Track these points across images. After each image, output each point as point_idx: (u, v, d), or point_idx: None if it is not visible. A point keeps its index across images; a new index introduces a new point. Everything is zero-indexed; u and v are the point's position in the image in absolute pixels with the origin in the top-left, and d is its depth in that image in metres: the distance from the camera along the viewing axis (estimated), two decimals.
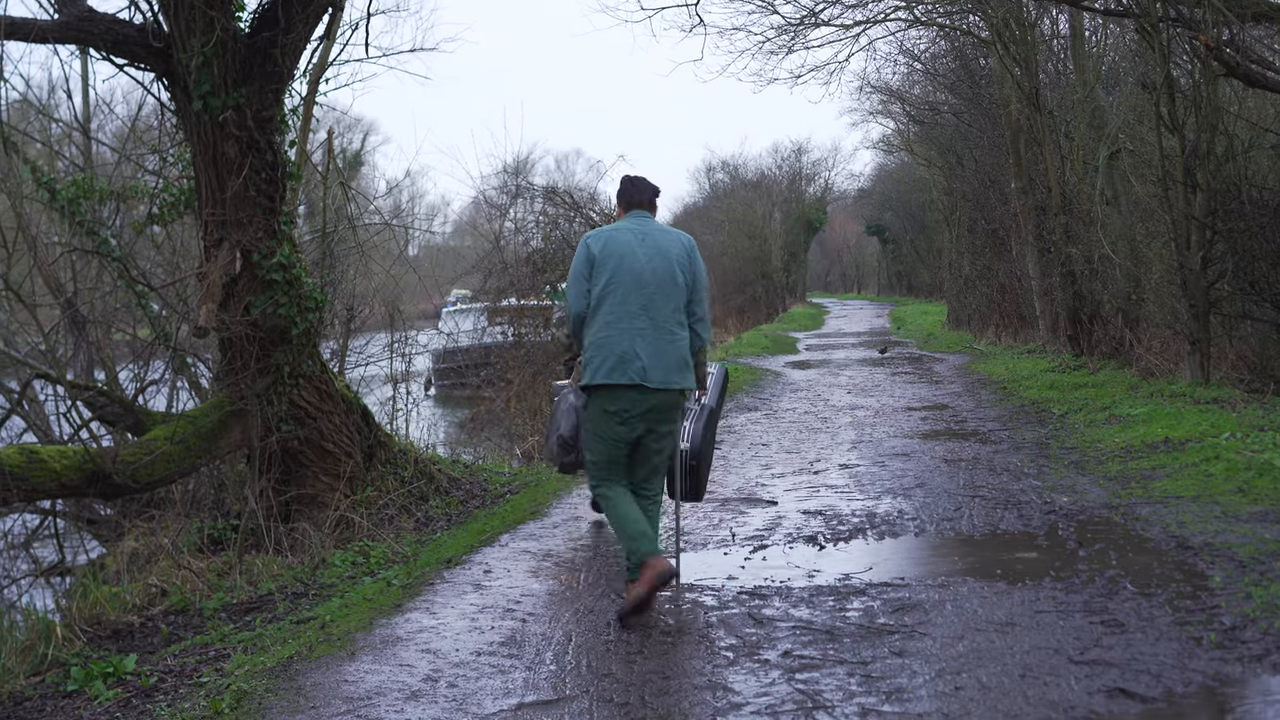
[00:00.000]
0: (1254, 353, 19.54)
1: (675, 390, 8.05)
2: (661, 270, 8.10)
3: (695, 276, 8.24)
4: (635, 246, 8.14)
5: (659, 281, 8.07)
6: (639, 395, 7.94)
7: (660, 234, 8.29)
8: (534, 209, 28.07)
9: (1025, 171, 29.34)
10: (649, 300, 8.02)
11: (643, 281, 8.04)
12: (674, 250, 8.21)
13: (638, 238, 8.20)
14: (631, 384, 7.91)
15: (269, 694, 6.62)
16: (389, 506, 12.43)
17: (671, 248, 8.22)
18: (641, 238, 8.20)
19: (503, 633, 7.63)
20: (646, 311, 8.00)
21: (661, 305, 8.04)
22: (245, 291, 11.60)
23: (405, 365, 18.87)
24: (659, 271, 8.09)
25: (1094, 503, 10.84)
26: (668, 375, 7.98)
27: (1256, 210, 18.05)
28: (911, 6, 29.61)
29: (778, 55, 31.04)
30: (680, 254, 8.22)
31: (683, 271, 8.17)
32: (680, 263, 8.18)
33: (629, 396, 7.95)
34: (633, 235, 8.21)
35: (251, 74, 11.49)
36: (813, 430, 17.18)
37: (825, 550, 9.65)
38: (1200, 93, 18.01)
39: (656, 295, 8.04)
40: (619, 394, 7.96)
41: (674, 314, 8.08)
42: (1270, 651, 6.30)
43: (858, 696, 6.05)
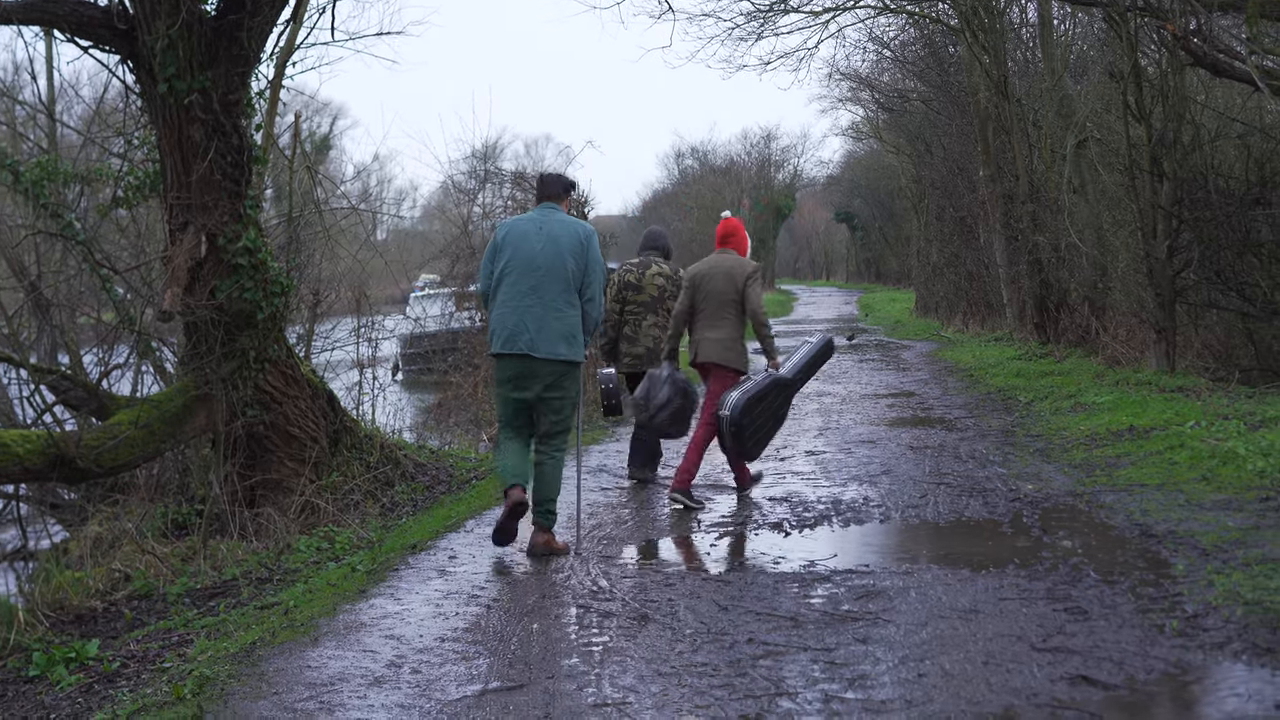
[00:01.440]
0: (1219, 341, 19.63)
1: (561, 360, 9.18)
2: (552, 256, 9.22)
3: (587, 263, 9.33)
4: (532, 235, 9.32)
5: (549, 266, 9.19)
6: (528, 363, 9.15)
7: (557, 224, 9.41)
8: (503, 194, 28.00)
9: (993, 159, 29.39)
10: (539, 282, 9.17)
11: (534, 265, 9.20)
12: (566, 239, 9.31)
13: (536, 226, 9.38)
14: (520, 354, 9.14)
15: (231, 679, 6.60)
16: (354, 492, 12.41)
17: (564, 237, 9.32)
18: (539, 227, 9.38)
19: (467, 619, 7.62)
20: (536, 291, 9.16)
21: (550, 286, 9.17)
22: (210, 276, 11.56)
23: (372, 350, 18.83)
24: (550, 257, 9.21)
25: (1058, 490, 10.86)
26: (553, 347, 9.13)
27: (1222, 199, 18.12)
28: None
29: (747, 42, 31.08)
30: (573, 243, 9.31)
31: (574, 258, 9.26)
32: (572, 250, 9.28)
33: (519, 364, 9.19)
34: (532, 225, 9.42)
35: (217, 57, 11.45)
36: None
37: (790, 537, 9.66)
38: (1167, 82, 18.06)
39: (546, 278, 9.18)
40: (511, 362, 9.23)
41: (562, 294, 9.20)
42: (1232, 639, 6.32)
43: (821, 683, 6.05)
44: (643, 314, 12.56)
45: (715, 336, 11.15)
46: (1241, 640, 6.29)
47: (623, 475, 12.78)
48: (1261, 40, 14.19)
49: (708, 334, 11.18)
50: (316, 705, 6.09)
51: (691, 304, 11.30)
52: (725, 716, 5.67)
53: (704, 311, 11.21)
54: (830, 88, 62.26)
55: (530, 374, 9.19)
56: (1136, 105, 18.20)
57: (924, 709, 5.59)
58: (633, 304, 12.47)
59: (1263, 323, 18.06)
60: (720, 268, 11.24)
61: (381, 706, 6.02)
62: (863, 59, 42.25)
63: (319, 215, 17.75)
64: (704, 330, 11.22)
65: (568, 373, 9.30)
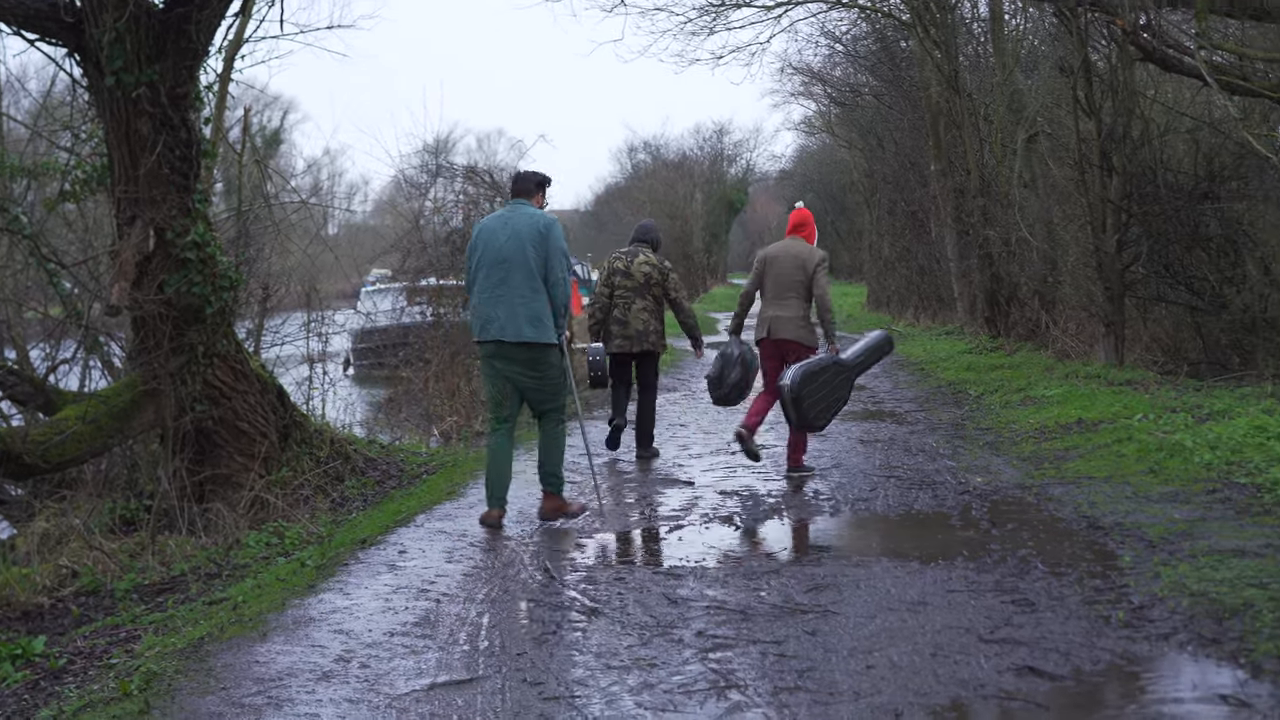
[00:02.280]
0: (1167, 335, 19.76)
1: (529, 343, 9.86)
2: (515, 248, 9.89)
3: (547, 250, 9.93)
4: (499, 230, 10.01)
5: (512, 258, 9.87)
6: (501, 348, 9.91)
7: (520, 218, 10.04)
8: (454, 188, 27.95)
9: (945, 154, 29.49)
10: (506, 273, 9.87)
11: (501, 258, 9.90)
12: (526, 231, 9.93)
13: (502, 222, 10.06)
14: (493, 340, 9.90)
15: (179, 675, 6.56)
16: (304, 487, 12.36)
17: (524, 229, 9.94)
18: (505, 222, 10.05)
19: (416, 613, 7.59)
20: (504, 282, 9.87)
21: (515, 276, 9.85)
22: (159, 270, 11.48)
23: (322, 345, 18.75)
24: (513, 249, 9.89)
25: (1007, 483, 10.93)
26: (520, 330, 9.81)
27: (1171, 194, 18.23)
28: None
29: (699, 36, 31.20)
30: (532, 233, 9.92)
31: (534, 248, 9.88)
32: (531, 240, 9.89)
33: (494, 349, 9.95)
34: (499, 221, 10.11)
35: (165, 50, 11.35)
36: (731, 410, 17.23)
37: (741, 530, 9.69)
38: (1117, 77, 18.15)
39: (511, 269, 9.86)
40: (488, 347, 10.01)
41: (526, 282, 9.85)
42: (1177, 630, 6.36)
43: (770, 675, 6.06)
44: (632, 298, 13.32)
45: (786, 315, 12.06)
46: (1187, 631, 6.34)
47: (574, 468, 12.79)
48: (1210, 36, 14.27)
49: (779, 312, 12.11)
50: (264, 700, 6.06)
51: (759, 283, 12.34)
52: (675, 709, 5.67)
53: (771, 291, 12.19)
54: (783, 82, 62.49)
55: (505, 357, 9.93)
56: (1086, 100, 18.29)
57: (872, 700, 5.61)
58: (621, 289, 13.29)
59: (1210, 316, 18.18)
60: (791, 252, 12.16)
61: (330, 701, 6.00)
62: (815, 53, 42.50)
63: (269, 209, 17.67)
64: (773, 309, 12.16)
65: (541, 354, 9.97)
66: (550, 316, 9.96)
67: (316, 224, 24.59)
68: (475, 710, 5.77)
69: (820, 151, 70.62)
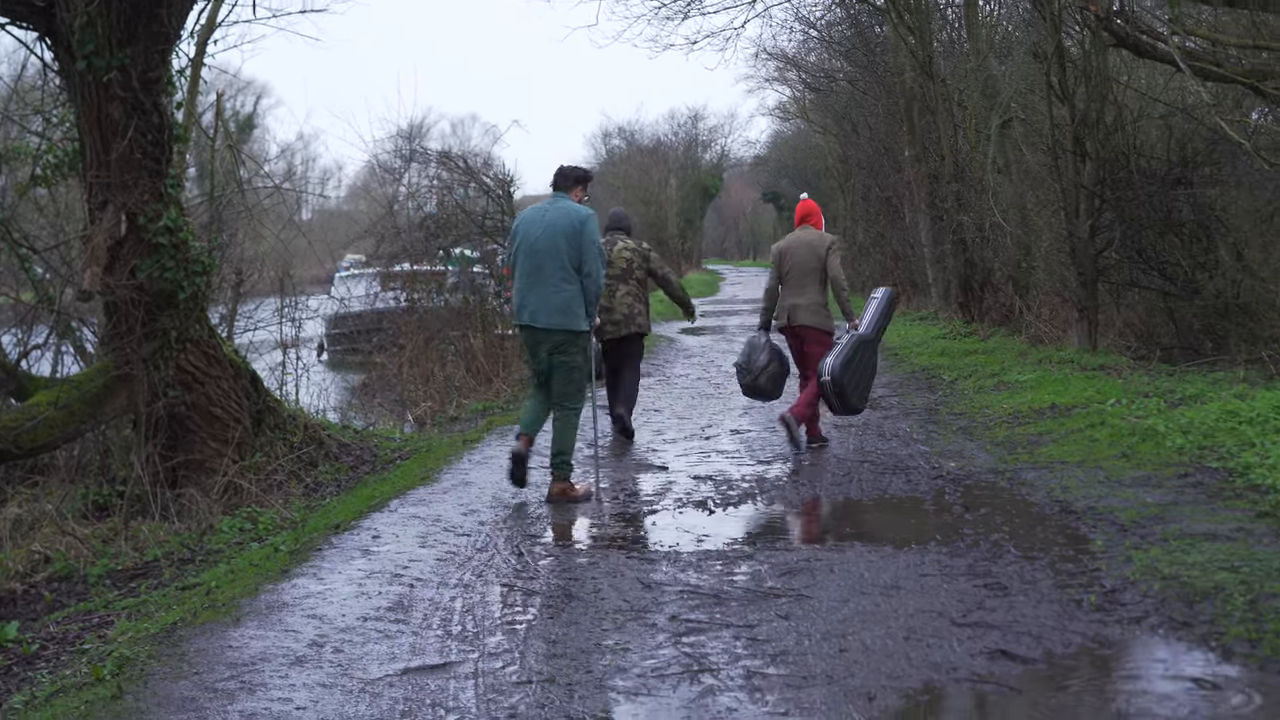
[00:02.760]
0: (1140, 320, 19.81)
1: (558, 329, 10.41)
2: (549, 241, 10.40)
3: (581, 243, 10.40)
4: (536, 222, 10.56)
5: (547, 249, 10.40)
6: (533, 333, 10.51)
7: (556, 211, 10.55)
8: (428, 174, 27.90)
9: (919, 139, 29.48)
10: (540, 263, 10.41)
11: (536, 250, 10.43)
12: (562, 224, 10.44)
13: (540, 214, 10.60)
14: (526, 325, 10.52)
15: (152, 660, 6.54)
16: (278, 472, 12.34)
17: (560, 222, 10.46)
18: (542, 214, 10.58)
19: (390, 598, 7.59)
20: (538, 271, 10.40)
21: (548, 266, 10.38)
22: (131, 255, 11.44)
23: (295, 330, 18.71)
24: (547, 241, 10.41)
25: (980, 468, 10.95)
26: (550, 318, 10.38)
27: (1144, 179, 18.26)
28: None
29: (673, 21, 30.99)
30: (567, 227, 10.42)
31: (568, 240, 10.38)
32: (567, 234, 10.40)
33: (528, 334, 10.60)
34: (537, 213, 10.64)
35: (137, 34, 11.31)
36: (705, 396, 17.27)
37: (715, 515, 9.70)
38: (1090, 62, 18.17)
39: (545, 259, 10.39)
40: (524, 331, 10.67)
41: (559, 272, 10.37)
42: (1149, 614, 6.39)
43: (743, 659, 6.07)
44: (615, 285, 13.63)
45: (804, 302, 12.62)
46: (1158, 614, 6.36)
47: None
48: (1183, 21, 14.29)
49: (797, 300, 12.66)
50: (237, 685, 6.05)
51: (779, 276, 12.86)
52: (648, 692, 5.68)
53: (790, 280, 12.74)
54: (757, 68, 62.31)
55: (537, 341, 10.56)
56: (1060, 86, 18.31)
57: (845, 684, 5.62)
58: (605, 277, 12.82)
59: (1183, 301, 18.22)
60: (803, 241, 12.77)
61: (303, 686, 5.99)
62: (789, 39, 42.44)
63: (242, 194, 17.62)
64: (792, 297, 12.71)
65: (569, 340, 10.51)
66: (581, 306, 10.47)
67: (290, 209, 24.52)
68: (448, 695, 5.78)
69: (795, 137, 70.59)
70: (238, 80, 45.09)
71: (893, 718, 5.30)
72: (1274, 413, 10.68)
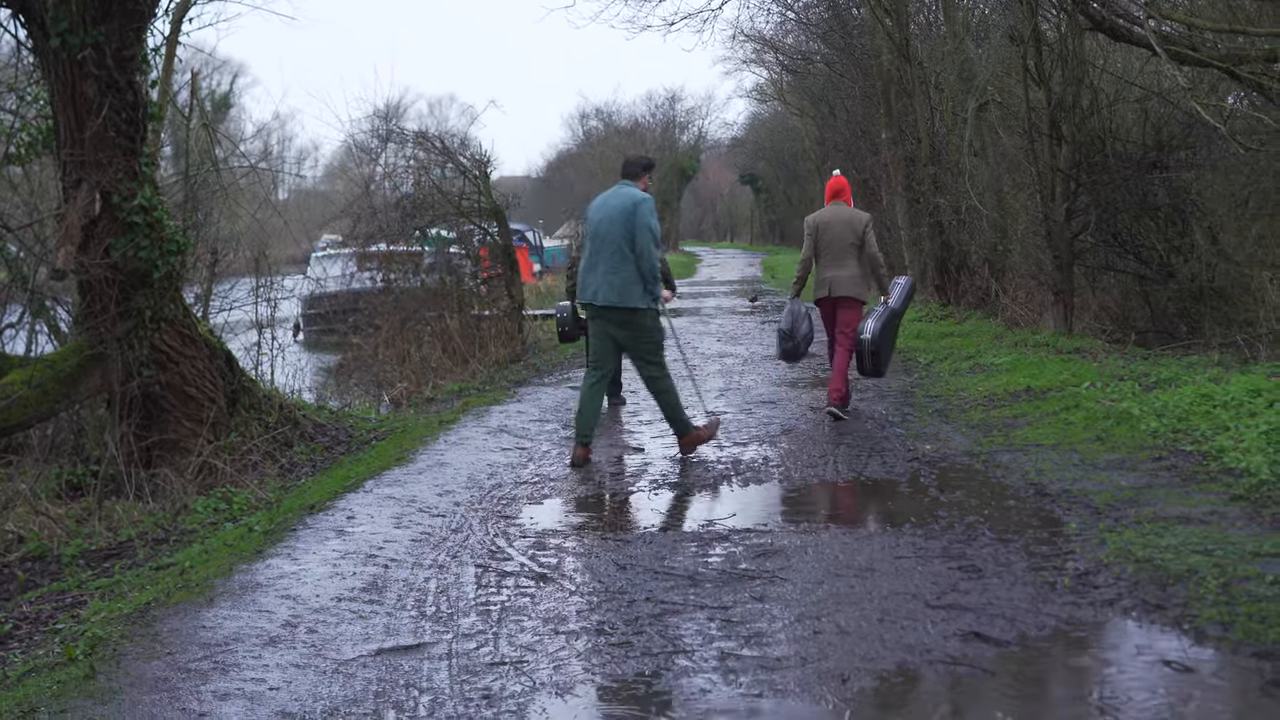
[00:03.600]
0: (1115, 304, 19.87)
1: (619, 307, 11.11)
2: (607, 225, 11.19)
3: (634, 225, 11.08)
4: (599, 209, 11.37)
5: (606, 233, 11.18)
6: (595, 310, 11.28)
7: (617, 197, 11.34)
8: (405, 154, 27.85)
9: (895, 122, 29.45)
10: (602, 245, 11.20)
11: (600, 234, 11.23)
12: (618, 210, 11.19)
13: (604, 202, 11.42)
14: (589, 303, 11.30)
15: (125, 640, 6.54)
16: (253, 453, 12.32)
17: (618, 206, 11.21)
18: (605, 201, 11.39)
19: (364, 579, 7.59)
20: (599, 253, 11.20)
21: (606, 249, 11.16)
22: (105, 234, 11.40)
23: (271, 310, 18.65)
24: (606, 226, 11.20)
25: (956, 450, 10.97)
26: (609, 296, 11.08)
27: (1120, 163, 18.30)
28: None
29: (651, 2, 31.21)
30: (622, 212, 11.16)
31: (623, 224, 11.09)
32: (623, 219, 11.12)
33: (593, 311, 11.33)
34: (602, 200, 11.47)
35: (111, 11, 11.26)
36: (681, 378, 17.22)
37: (690, 497, 9.70)
38: (1066, 46, 18.18)
39: (606, 242, 11.18)
40: (588, 309, 11.42)
41: (616, 254, 11.11)
42: (1121, 596, 6.41)
43: (717, 640, 6.08)
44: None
45: (845, 274, 13.19)
46: (1131, 597, 6.38)
47: (524, 435, 12.81)
48: (1159, 5, 14.33)
49: (838, 272, 13.22)
50: (211, 665, 6.05)
51: (815, 247, 13.40)
52: (622, 674, 5.69)
53: (828, 254, 13.29)
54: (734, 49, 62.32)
55: (601, 318, 11.31)
56: (1036, 69, 18.32)
57: (819, 666, 5.63)
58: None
59: (1158, 285, 18.28)
60: (840, 217, 13.36)
61: (276, 666, 5.99)
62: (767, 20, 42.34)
63: (217, 174, 17.56)
64: (832, 269, 13.26)
65: (629, 316, 11.18)
66: (638, 283, 11.10)
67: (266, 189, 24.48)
68: (422, 675, 5.78)
69: (772, 119, 70.67)
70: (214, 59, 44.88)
71: (866, 699, 5.30)
72: (1248, 396, 10.70)
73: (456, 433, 13.23)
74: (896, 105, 29.09)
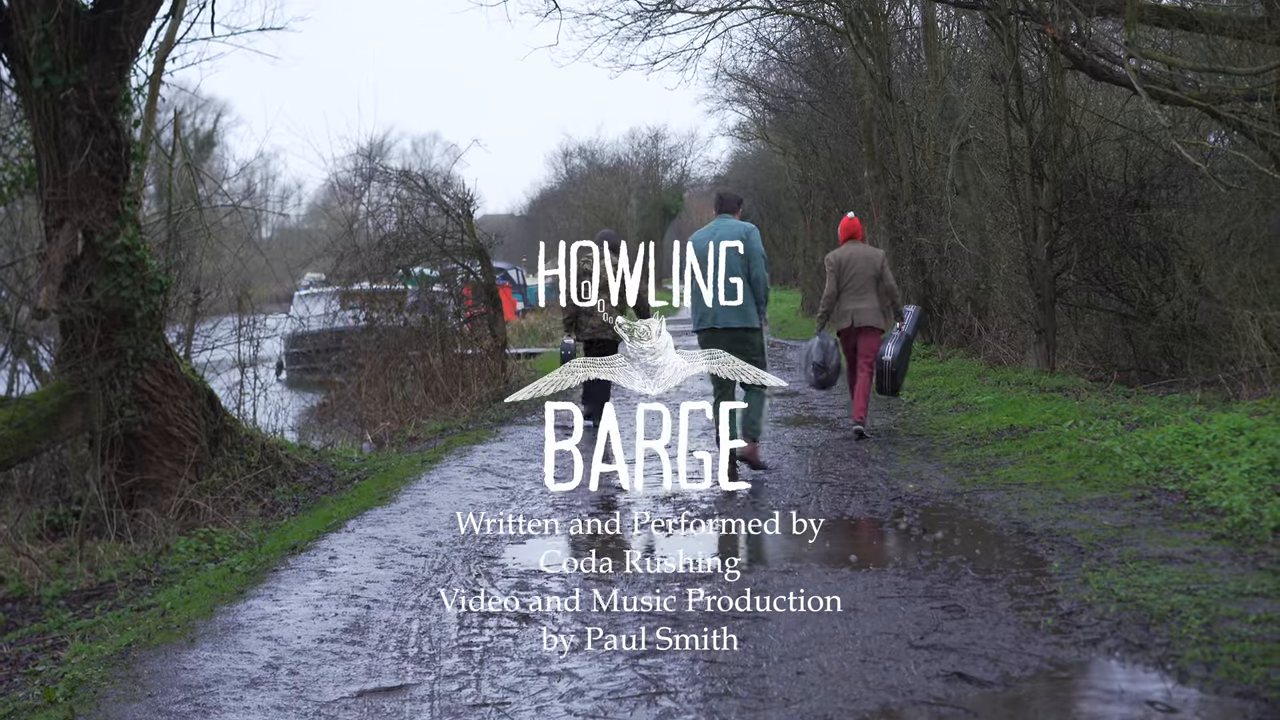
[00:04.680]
0: (1098, 342, 19.90)
1: (734, 328, 11.99)
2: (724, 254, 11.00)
3: (749, 254, 11.98)
4: (707, 240, 11.39)
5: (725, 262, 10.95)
6: (714, 334, 12.05)
7: (725, 229, 12.10)
8: (389, 192, 27.86)
9: (878, 160, 29.54)
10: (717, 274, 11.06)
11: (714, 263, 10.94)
12: (731, 238, 11.24)
13: (711, 233, 12.05)
14: (708, 328, 12.10)
15: (105, 682, 6.51)
16: (235, 492, 12.27)
17: (730, 237, 11.44)
18: (713, 233, 12.08)
19: (346, 620, 7.56)
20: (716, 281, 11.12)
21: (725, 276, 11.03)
22: (87, 273, 11.38)
23: (254, 349, 18.62)
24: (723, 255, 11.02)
25: (939, 489, 10.97)
26: (730, 319, 11.96)
27: (1101, 201, 18.37)
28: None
29: (634, 41, 30.97)
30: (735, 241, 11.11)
31: (739, 253, 11.32)
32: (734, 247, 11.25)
33: (709, 335, 12.10)
34: (708, 233, 12.19)
35: (94, 51, 11.28)
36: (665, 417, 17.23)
37: (673, 536, 9.70)
38: (1048, 85, 18.26)
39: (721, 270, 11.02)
40: (703, 335, 12.19)
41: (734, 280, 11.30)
42: (1105, 636, 6.41)
43: (700, 681, 6.07)
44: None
45: (866, 306, 14.55)
46: (1115, 637, 6.38)
47: (506, 474, 12.80)
48: (1139, 45, 14.37)
49: (860, 305, 14.57)
50: (192, 708, 6.02)
51: (839, 283, 14.65)
52: (605, 715, 5.67)
53: (850, 288, 14.62)
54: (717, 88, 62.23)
55: (718, 341, 11.74)
56: (1018, 108, 18.40)
57: (802, 707, 5.63)
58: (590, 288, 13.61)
59: (1140, 324, 18.33)
60: (861, 254, 14.74)
61: (258, 708, 5.97)
62: (749, 59, 42.25)
63: (200, 213, 17.55)
64: (854, 302, 14.60)
65: (745, 335, 12.06)
66: (754, 305, 12.15)
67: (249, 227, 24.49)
68: (404, 717, 5.76)
69: (755, 157, 70.74)
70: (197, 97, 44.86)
71: None
72: (1230, 435, 10.72)
73: (439, 472, 13.21)
74: (879, 144, 29.20)
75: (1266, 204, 16.64)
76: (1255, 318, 15.13)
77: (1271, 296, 15.93)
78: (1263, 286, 16.29)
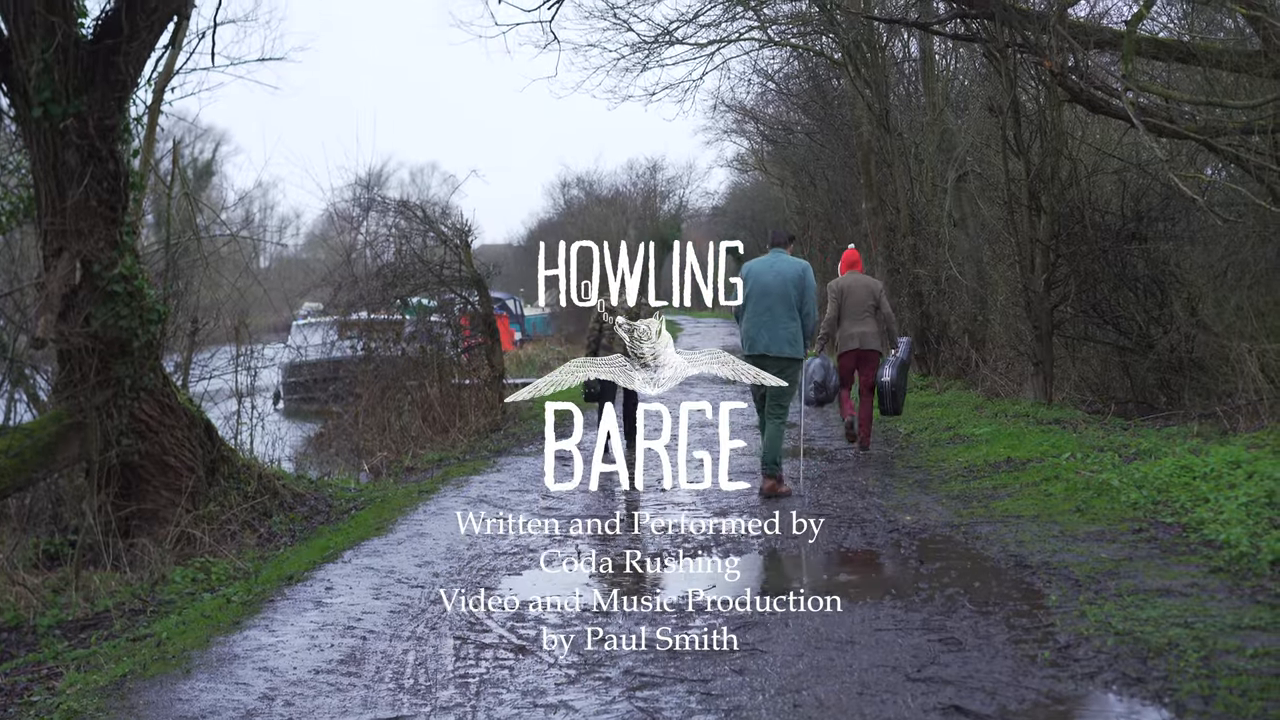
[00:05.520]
0: (1095, 374, 19.92)
1: (785, 357, 12.54)
2: (779, 286, 12.69)
3: (804, 288, 12.73)
4: (766, 271, 12.77)
5: (776, 293, 12.68)
6: (763, 360, 12.21)
7: (783, 263, 12.85)
8: (387, 222, 27.87)
9: (876, 192, 29.58)
10: (771, 305, 12.68)
11: (768, 293, 12.69)
12: (789, 273, 12.75)
13: (768, 265, 12.85)
14: (759, 354, 12.48)
15: (100, 713, 6.49)
16: (231, 522, 12.26)
17: (788, 271, 12.76)
18: (770, 265, 12.83)
19: (342, 650, 7.55)
20: (770, 312, 12.67)
21: (779, 307, 12.66)
22: (85, 302, 11.39)
23: (251, 379, 18.62)
24: (778, 286, 12.69)
25: (936, 521, 10.96)
26: (781, 348, 12.58)
27: (1099, 234, 18.40)
28: (765, 27, 29.88)
29: (632, 72, 31.02)
30: (793, 275, 12.74)
31: (794, 287, 12.69)
32: (793, 281, 12.72)
33: (758, 361, 12.01)
34: (765, 265, 12.88)
35: (94, 81, 11.31)
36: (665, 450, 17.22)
37: (669, 568, 9.68)
38: (1045, 117, 18.30)
39: (775, 301, 12.67)
40: (754, 360, 12.01)
41: (786, 312, 12.65)
42: (1102, 669, 6.40)
43: (697, 714, 6.05)
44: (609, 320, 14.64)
45: (866, 331, 15.77)
46: (1112, 670, 6.37)
47: (503, 505, 12.80)
48: (1136, 78, 14.42)
49: (863, 329, 15.78)
50: None
51: (839, 309, 15.83)
52: None
53: (850, 314, 15.84)
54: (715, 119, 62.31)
55: (765, 368, 11.19)
56: (1015, 140, 18.44)
57: None
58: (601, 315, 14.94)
59: (1138, 356, 18.34)
60: (861, 282, 15.97)
61: None
62: (747, 91, 42.28)
63: (199, 242, 17.57)
64: (857, 326, 15.81)
65: (790, 365, 12.62)
66: (801, 338, 12.74)
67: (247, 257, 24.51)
68: None
69: (753, 189, 70.70)
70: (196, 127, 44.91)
71: None
72: (1227, 468, 10.71)
73: (436, 502, 13.19)
74: (876, 175, 29.23)
75: (1263, 237, 16.67)
76: (1252, 350, 15.14)
77: (1268, 329, 15.95)
78: (1260, 319, 16.32)
